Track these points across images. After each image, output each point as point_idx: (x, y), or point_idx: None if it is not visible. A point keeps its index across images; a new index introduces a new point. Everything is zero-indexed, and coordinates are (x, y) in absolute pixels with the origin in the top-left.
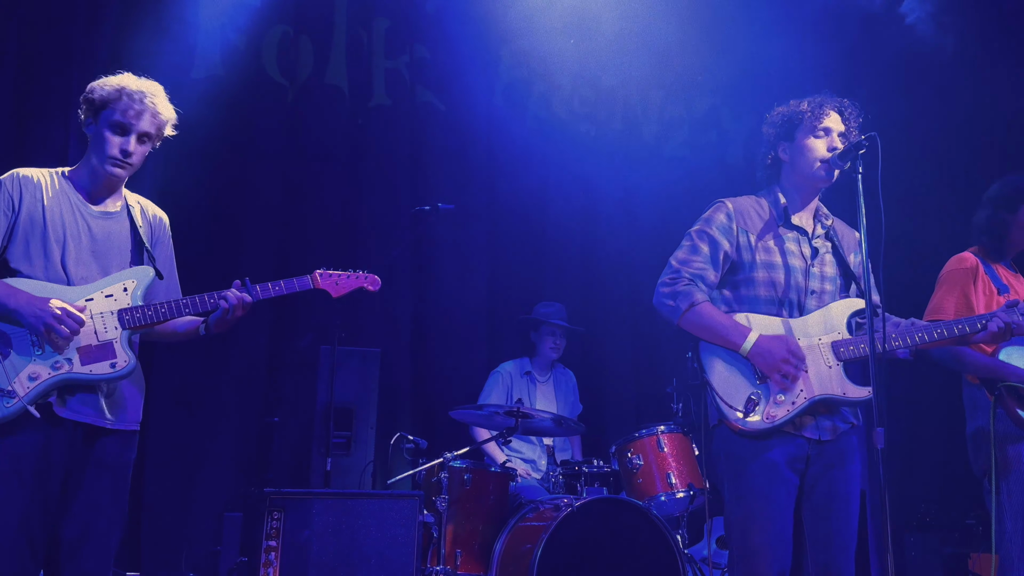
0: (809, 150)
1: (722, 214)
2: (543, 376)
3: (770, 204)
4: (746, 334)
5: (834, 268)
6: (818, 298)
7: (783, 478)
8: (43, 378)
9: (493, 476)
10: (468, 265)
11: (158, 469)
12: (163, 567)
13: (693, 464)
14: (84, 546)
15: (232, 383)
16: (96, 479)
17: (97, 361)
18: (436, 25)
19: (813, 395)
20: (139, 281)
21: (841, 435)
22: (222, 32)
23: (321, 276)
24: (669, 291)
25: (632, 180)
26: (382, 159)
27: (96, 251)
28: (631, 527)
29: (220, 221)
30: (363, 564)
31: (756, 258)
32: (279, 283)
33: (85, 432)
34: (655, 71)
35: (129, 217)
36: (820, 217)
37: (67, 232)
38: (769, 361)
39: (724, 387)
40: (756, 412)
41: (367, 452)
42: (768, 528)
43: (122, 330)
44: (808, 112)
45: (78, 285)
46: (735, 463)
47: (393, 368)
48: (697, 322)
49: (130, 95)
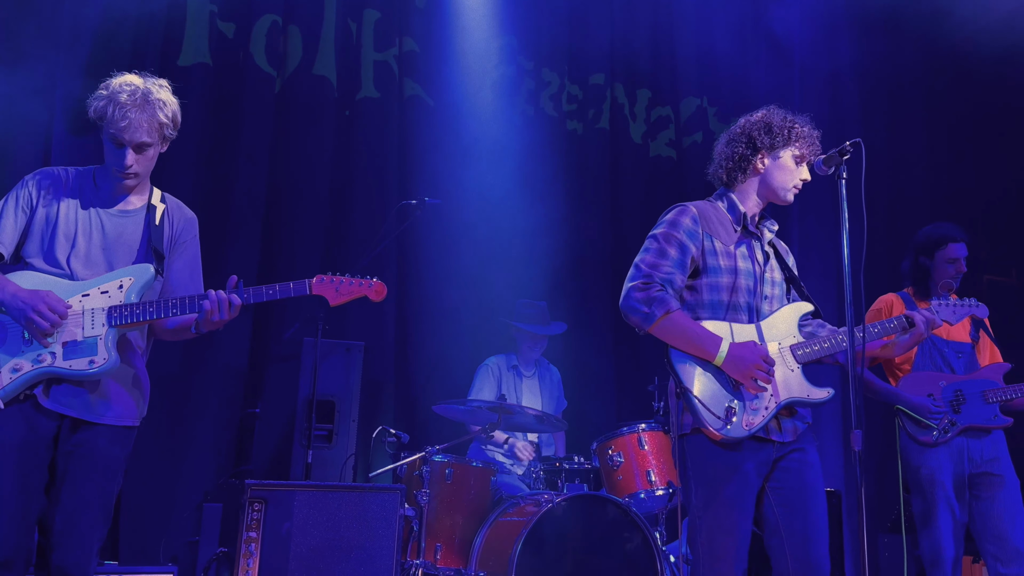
0: (790, 172)
1: (687, 218)
2: (529, 371)
3: (727, 209)
4: (718, 343)
5: (780, 273)
6: (770, 303)
7: (750, 484)
8: (24, 371)
9: (474, 471)
10: (454, 259)
11: (138, 458)
12: (140, 556)
13: (672, 462)
14: (68, 538)
15: (214, 373)
16: (82, 472)
17: (77, 357)
18: (426, 18)
19: (781, 399)
20: (136, 279)
21: (800, 434)
22: (211, 20)
23: (318, 281)
24: (644, 296)
25: (617, 179)
26: (369, 152)
27: (106, 248)
28: (611, 523)
29: (204, 210)
30: (344, 557)
31: (719, 263)
32: (273, 287)
33: (72, 425)
34: (643, 70)
35: (147, 217)
36: (766, 223)
37: (79, 229)
38: (742, 369)
39: (704, 395)
40: (735, 421)
41: (348, 445)
42: (735, 534)
43: (108, 328)
44: (798, 133)
45: (81, 280)
46: (706, 471)
47: (376, 361)
48: (671, 330)
49: (120, 108)
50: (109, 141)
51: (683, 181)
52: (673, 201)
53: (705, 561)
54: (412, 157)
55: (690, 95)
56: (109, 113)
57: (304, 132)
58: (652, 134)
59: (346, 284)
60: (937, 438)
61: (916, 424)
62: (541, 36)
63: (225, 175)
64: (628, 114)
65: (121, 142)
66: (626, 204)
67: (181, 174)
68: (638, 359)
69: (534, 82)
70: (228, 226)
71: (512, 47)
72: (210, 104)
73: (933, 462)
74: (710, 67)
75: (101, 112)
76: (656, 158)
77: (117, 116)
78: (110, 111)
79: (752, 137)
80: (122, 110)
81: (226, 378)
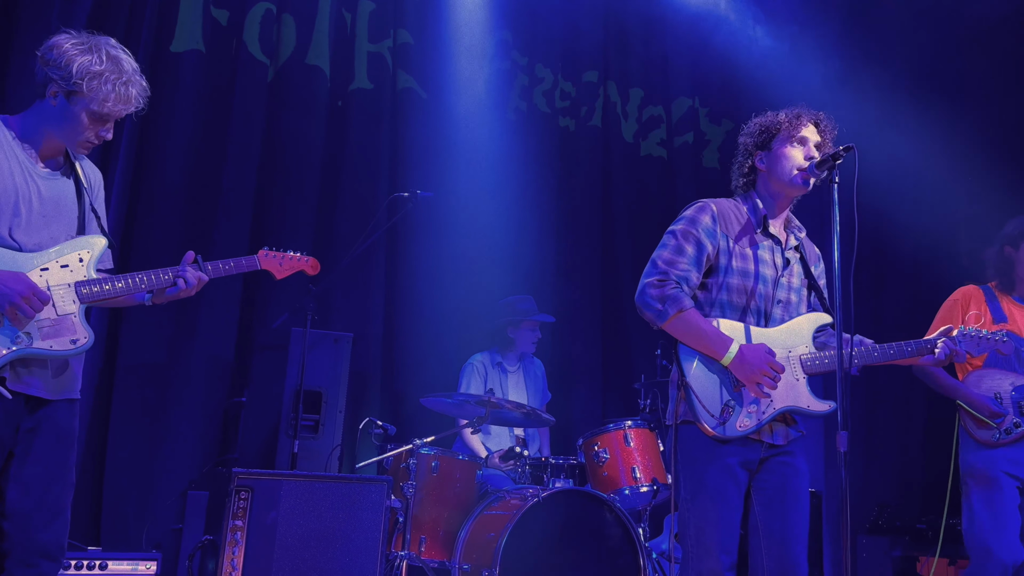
0: (786, 158)
1: (707, 216)
2: (513, 366)
3: (748, 210)
4: (728, 344)
5: (800, 280)
6: (783, 308)
7: (736, 479)
8: (1, 354)
9: (460, 464)
10: (443, 253)
11: (121, 444)
12: (123, 543)
13: (658, 459)
14: (37, 515)
15: (201, 361)
16: (48, 448)
17: (57, 337)
18: (421, 11)
19: (779, 406)
20: (93, 251)
21: (791, 441)
22: (204, 6)
23: (264, 256)
24: (658, 293)
25: (608, 177)
26: (361, 143)
27: (46, 214)
28: (595, 519)
29: (195, 198)
30: (329, 547)
31: (732, 264)
32: (229, 262)
33: (30, 403)
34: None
35: (74, 176)
36: (793, 229)
37: (18, 194)
38: (748, 371)
39: (703, 391)
40: (730, 420)
41: (335, 436)
42: (721, 526)
43: (80, 304)
44: (785, 122)
45: (29, 252)
46: (693, 463)
47: (364, 353)
48: (683, 328)
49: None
50: (85, 114)
51: (673, 181)
52: (663, 200)
53: (694, 551)
54: (404, 149)
55: (682, 95)
56: (107, 91)
57: (296, 122)
58: (643, 133)
59: (288, 259)
60: (999, 438)
61: (977, 422)
62: (535, 32)
63: (216, 162)
64: (620, 113)
65: (107, 118)
66: (616, 202)
67: (171, 161)
68: (625, 356)
69: (527, 78)
70: (217, 214)
71: (507, 42)
72: (202, 91)
73: (991, 461)
74: (702, 68)
75: (88, 85)
76: (647, 157)
77: (119, 95)
78: (103, 87)
79: (745, 144)
80: (124, 88)
81: (213, 367)
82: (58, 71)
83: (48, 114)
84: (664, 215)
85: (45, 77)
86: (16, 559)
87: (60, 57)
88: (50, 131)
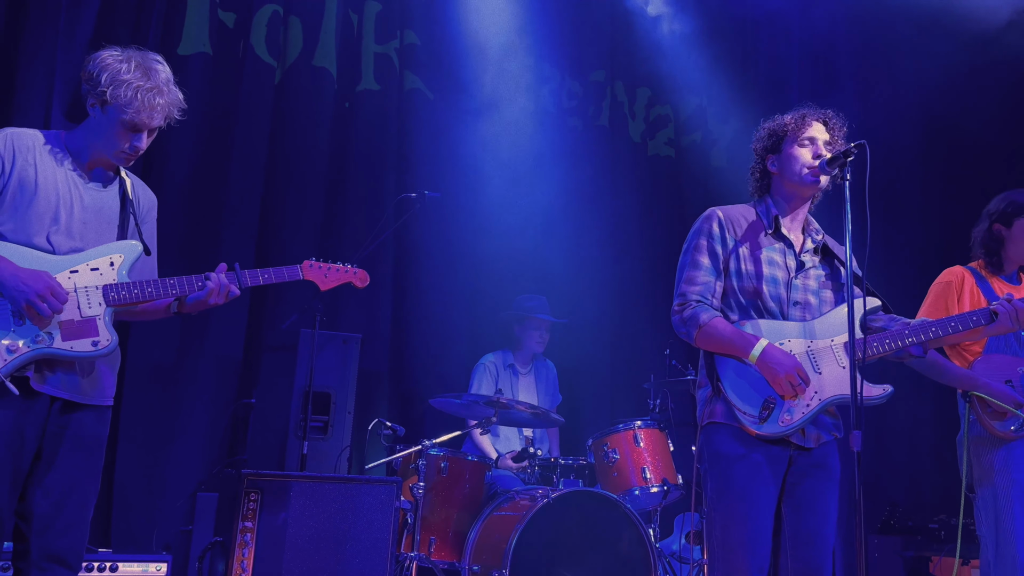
0: (795, 159)
1: (714, 223)
2: (524, 368)
3: (760, 214)
4: (753, 343)
5: (818, 282)
6: (802, 310)
7: (764, 479)
8: (20, 351)
9: (470, 465)
10: (452, 254)
11: (130, 445)
12: (132, 544)
13: (668, 460)
14: (57, 521)
15: (210, 362)
16: (72, 454)
17: (78, 338)
18: (428, 12)
19: (827, 396)
20: (126, 256)
21: (823, 444)
22: (211, 9)
23: (310, 267)
24: (679, 319)
25: (616, 176)
26: (369, 144)
27: (87, 221)
28: (605, 520)
29: (202, 200)
30: (339, 548)
31: (742, 267)
32: (268, 271)
33: (61, 406)
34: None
35: (121, 191)
36: (811, 232)
37: (60, 200)
38: (776, 371)
39: (740, 392)
40: (772, 416)
41: (344, 437)
42: (748, 526)
43: (106, 307)
44: (792, 124)
45: (62, 255)
46: (719, 462)
47: (373, 354)
48: (708, 340)
49: (147, 93)
50: (121, 126)
51: (681, 180)
52: (671, 200)
53: (719, 552)
54: (411, 150)
55: (689, 94)
56: (133, 100)
57: (303, 123)
58: (651, 133)
59: (334, 270)
60: (1017, 430)
61: (993, 413)
62: (542, 32)
63: (223, 164)
64: (628, 112)
65: (140, 128)
66: (624, 202)
67: (179, 163)
68: (634, 356)
69: (534, 78)
70: (224, 215)
71: (513, 42)
72: (209, 94)
73: (1010, 456)
74: (708, 66)
75: (120, 96)
76: (655, 157)
77: (141, 103)
78: (136, 99)
79: (757, 149)
80: (149, 96)
81: (221, 367)
82: (92, 81)
83: (90, 125)
84: (673, 215)
85: (85, 89)
86: (31, 563)
87: (95, 67)
88: (93, 142)
